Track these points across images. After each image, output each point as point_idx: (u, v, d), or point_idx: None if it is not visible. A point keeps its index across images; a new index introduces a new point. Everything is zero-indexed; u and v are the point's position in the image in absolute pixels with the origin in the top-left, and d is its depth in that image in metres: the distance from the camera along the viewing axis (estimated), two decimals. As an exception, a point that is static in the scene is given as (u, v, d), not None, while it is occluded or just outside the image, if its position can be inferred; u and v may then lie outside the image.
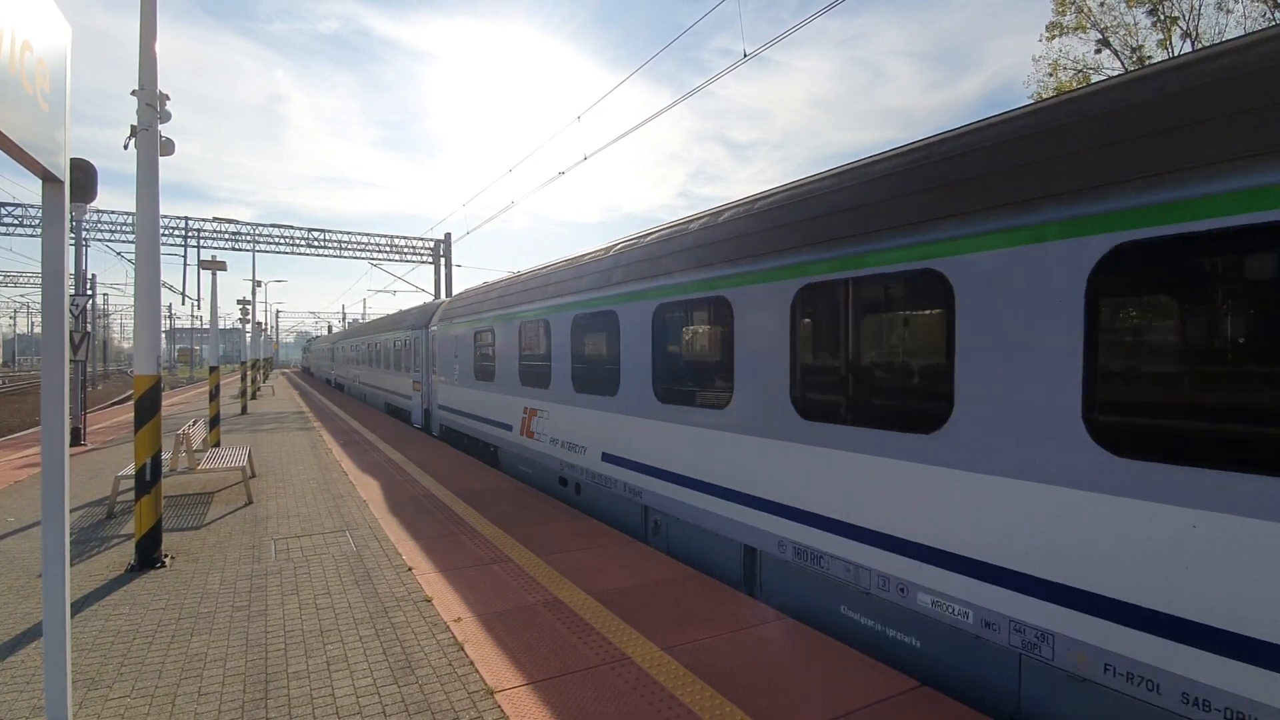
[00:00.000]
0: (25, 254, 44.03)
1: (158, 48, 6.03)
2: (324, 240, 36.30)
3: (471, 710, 3.67)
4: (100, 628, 4.77)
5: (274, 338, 69.35)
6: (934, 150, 4.51)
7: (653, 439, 7.16)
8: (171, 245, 32.84)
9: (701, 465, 6.38)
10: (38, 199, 2.76)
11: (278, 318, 74.27)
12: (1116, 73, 23.41)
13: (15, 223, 30.11)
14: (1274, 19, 21.47)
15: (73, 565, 5.97)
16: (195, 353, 73.48)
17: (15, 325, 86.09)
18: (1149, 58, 23.58)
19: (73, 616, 4.74)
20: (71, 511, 7.45)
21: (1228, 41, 3.32)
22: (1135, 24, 24.29)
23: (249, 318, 28.02)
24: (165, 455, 6.94)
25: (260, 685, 3.94)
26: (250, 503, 8.59)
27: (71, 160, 2.74)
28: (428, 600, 5.26)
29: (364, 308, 71.94)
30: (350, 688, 3.91)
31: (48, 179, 2.57)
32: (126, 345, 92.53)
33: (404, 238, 38.30)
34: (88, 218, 28.89)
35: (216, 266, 16.04)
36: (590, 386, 8.46)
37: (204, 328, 56.66)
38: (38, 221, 29.21)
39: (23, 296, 68.34)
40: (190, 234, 32.90)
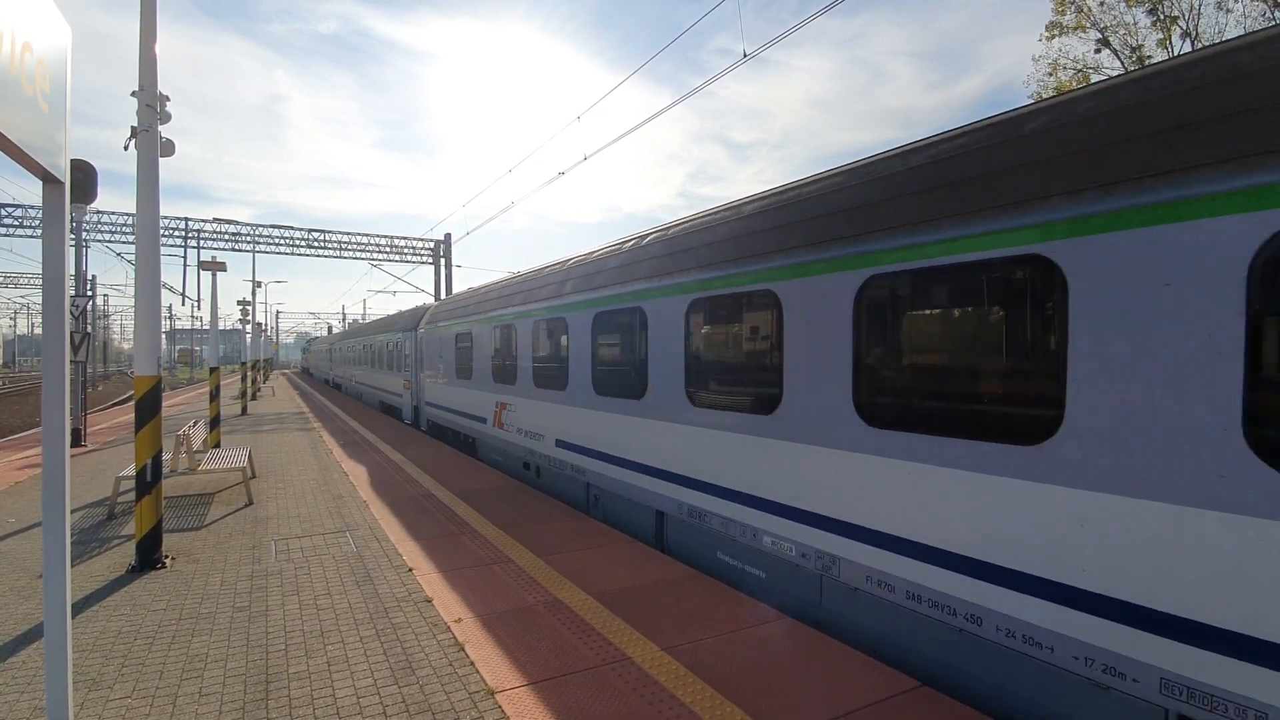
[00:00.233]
0: (25, 255, 44.05)
1: (158, 48, 6.02)
2: (324, 241, 36.27)
3: (472, 711, 3.67)
4: (101, 628, 4.77)
5: (274, 338, 69.35)
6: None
7: (592, 427, 8.33)
8: (171, 246, 32.83)
9: (624, 445, 7.61)
10: (38, 200, 2.77)
11: (278, 318, 74.33)
12: (1117, 72, 23.43)
13: (15, 224, 30.08)
14: (1274, 18, 21.47)
15: (73, 566, 5.97)
16: (195, 353, 73.48)
17: (15, 326, 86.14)
18: (1149, 57, 23.58)
19: (74, 617, 4.73)
20: (72, 512, 7.44)
21: None
22: (1135, 23, 24.31)
23: (249, 318, 28.03)
24: (166, 456, 6.94)
25: (261, 686, 3.95)
26: (251, 503, 8.59)
27: (71, 161, 2.74)
28: (428, 601, 5.26)
29: (364, 308, 71.97)
30: (351, 688, 3.91)
31: (48, 180, 2.57)
32: (127, 346, 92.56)
33: (404, 238, 38.26)
34: (88, 219, 28.90)
35: (216, 267, 16.04)
36: (547, 382, 9.68)
37: (204, 328, 56.68)
38: (38, 222, 29.23)
39: (23, 297, 68.39)
40: (190, 235, 32.87)
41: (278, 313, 74.32)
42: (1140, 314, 3.18)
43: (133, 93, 5.97)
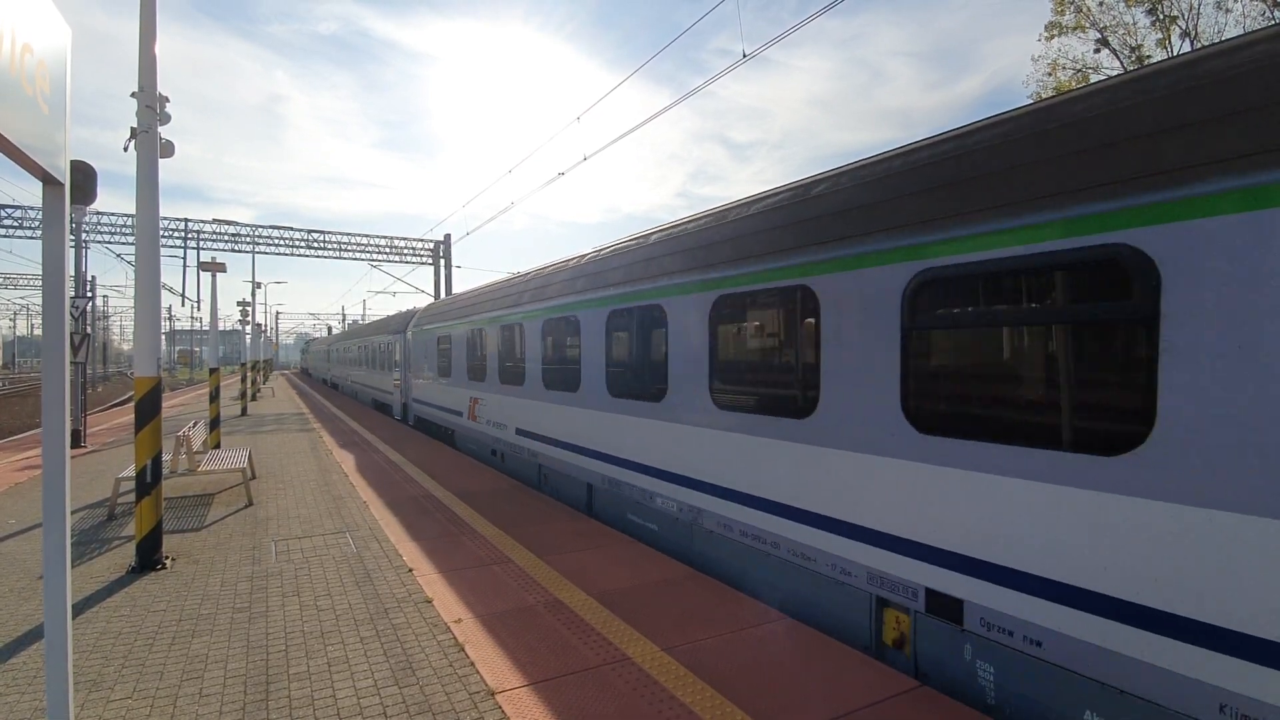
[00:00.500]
0: (25, 256, 44.05)
1: (157, 49, 6.02)
2: (324, 241, 36.26)
3: (472, 711, 3.67)
4: (101, 629, 4.77)
5: (274, 339, 69.33)
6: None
7: (543, 416, 9.82)
8: (171, 247, 32.83)
9: (565, 431, 9.10)
10: (38, 201, 2.77)
11: (277, 319, 74.28)
12: (1117, 72, 23.43)
13: (15, 225, 30.09)
14: (1273, 18, 21.47)
15: (74, 567, 5.97)
16: (195, 354, 73.46)
17: (15, 327, 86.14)
18: (1148, 57, 23.60)
19: (74, 618, 4.73)
20: (72, 513, 7.44)
21: None
22: (1134, 23, 24.32)
23: (249, 319, 28.03)
24: (166, 457, 6.95)
25: (261, 687, 3.95)
26: (250, 504, 8.59)
27: (71, 162, 2.74)
28: (428, 601, 5.26)
29: (364, 309, 71.97)
30: (351, 689, 3.91)
31: (48, 181, 2.57)
32: (126, 347, 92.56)
33: (404, 239, 38.26)
34: (87, 220, 28.90)
35: (216, 268, 16.05)
36: (509, 379, 11.22)
37: (204, 329, 56.67)
38: (38, 224, 29.23)
39: (23, 299, 68.39)
40: (190, 235, 32.86)
41: (277, 313, 74.36)
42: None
43: (132, 94, 5.97)
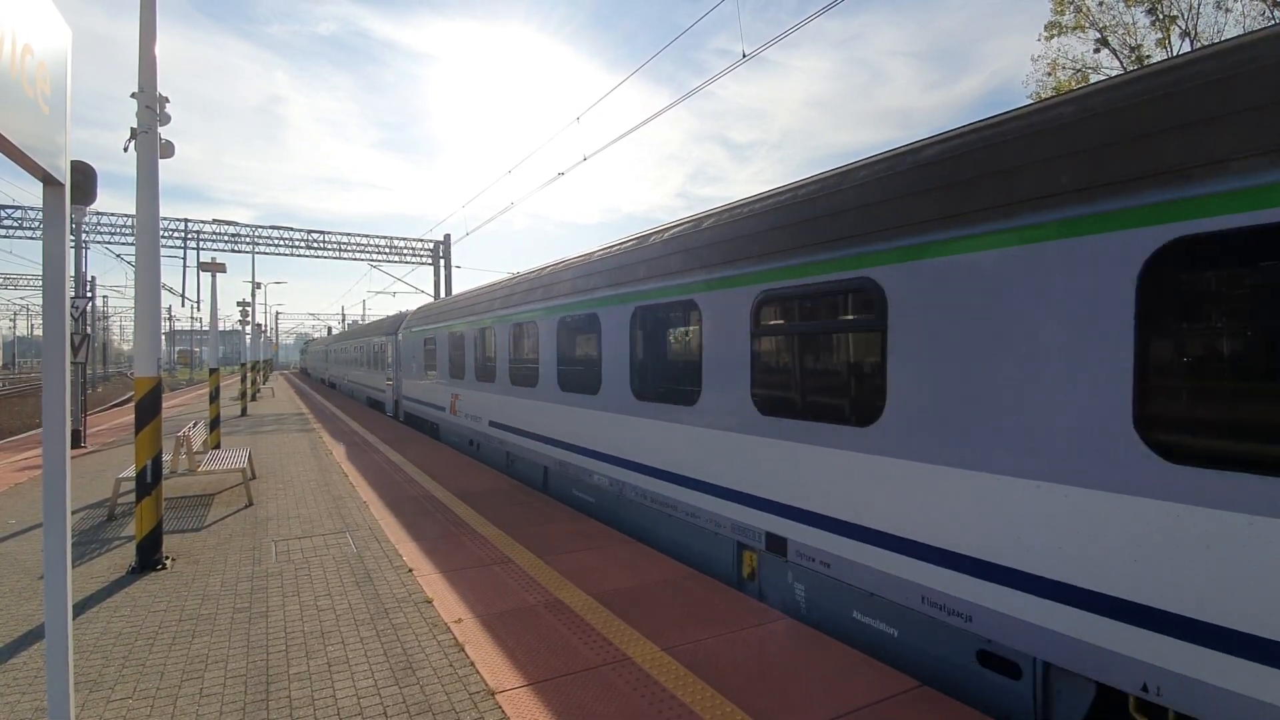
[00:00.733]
0: (25, 256, 44.08)
1: (157, 50, 6.03)
2: (323, 242, 36.25)
3: (473, 711, 3.67)
4: (102, 629, 4.77)
5: (274, 339, 69.31)
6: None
7: (509, 409, 11.13)
8: (171, 247, 32.81)
9: (526, 421, 10.33)
10: (38, 201, 2.77)
11: (277, 319, 74.26)
12: (1117, 72, 23.45)
13: (15, 225, 30.09)
14: (1273, 18, 21.48)
15: (74, 567, 5.95)
16: (195, 355, 73.44)
17: (15, 328, 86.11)
18: (1148, 57, 23.60)
19: (74, 618, 4.74)
20: (73, 513, 7.46)
21: None
22: (1134, 23, 24.31)
23: (248, 320, 28.03)
24: (166, 457, 6.95)
25: (262, 687, 3.95)
26: (251, 504, 8.60)
27: (71, 163, 2.74)
28: (428, 601, 5.27)
29: (364, 309, 71.94)
30: (351, 689, 3.92)
31: (48, 182, 2.58)
32: (126, 347, 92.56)
33: (404, 239, 38.24)
34: (87, 220, 28.90)
35: (216, 268, 16.05)
36: (484, 376, 12.50)
37: (204, 330, 56.63)
38: (37, 224, 29.22)
39: (22, 299, 68.37)
40: (190, 236, 32.85)
41: (277, 314, 74.34)
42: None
43: (132, 94, 5.97)
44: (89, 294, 18.29)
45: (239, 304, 27.40)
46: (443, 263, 37.92)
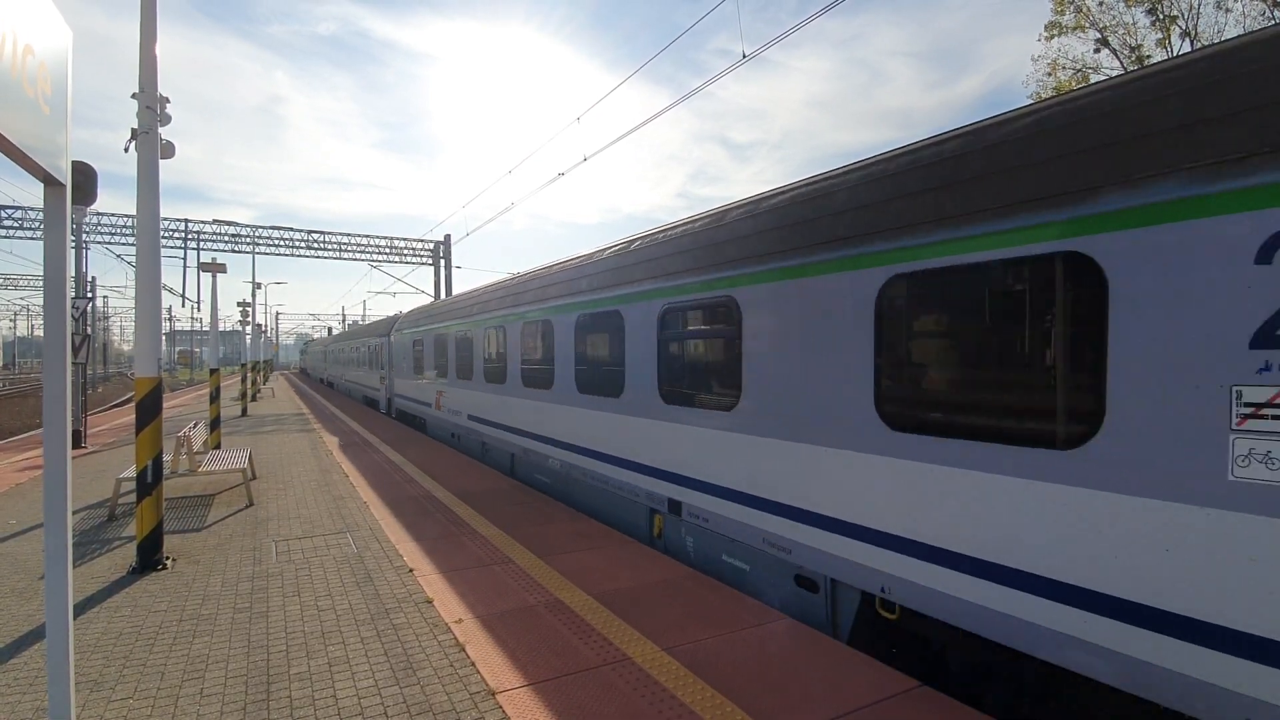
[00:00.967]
0: (25, 257, 44.09)
1: (158, 50, 6.03)
2: (324, 242, 36.25)
3: (473, 711, 3.67)
4: (103, 630, 4.77)
5: (274, 340, 69.34)
6: None
7: (484, 403, 12.45)
8: (171, 247, 32.82)
9: (498, 414, 11.66)
10: (38, 201, 2.77)
11: (277, 320, 74.29)
12: (1117, 72, 23.42)
13: (15, 225, 30.10)
14: (1273, 18, 21.48)
15: (75, 567, 5.97)
16: (195, 355, 73.46)
17: (15, 328, 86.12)
18: (1148, 57, 23.59)
19: (75, 618, 4.74)
20: (73, 514, 7.42)
21: None
22: (1134, 23, 24.32)
23: (249, 320, 28.04)
24: (166, 457, 6.95)
25: (262, 687, 3.95)
26: (251, 504, 8.60)
27: (72, 163, 2.74)
28: (429, 601, 5.27)
29: (364, 309, 71.98)
30: (352, 689, 3.92)
31: (49, 182, 2.58)
32: (127, 348, 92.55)
33: (404, 239, 38.24)
34: (88, 220, 28.91)
35: (216, 269, 16.06)
36: (463, 374, 13.87)
37: (204, 330, 56.65)
38: (38, 224, 29.24)
39: (23, 299, 68.38)
40: (190, 236, 32.85)
41: (277, 314, 74.37)
42: None
43: (133, 95, 5.97)
44: (89, 294, 18.30)
45: (239, 304, 27.43)
46: (443, 263, 37.93)
